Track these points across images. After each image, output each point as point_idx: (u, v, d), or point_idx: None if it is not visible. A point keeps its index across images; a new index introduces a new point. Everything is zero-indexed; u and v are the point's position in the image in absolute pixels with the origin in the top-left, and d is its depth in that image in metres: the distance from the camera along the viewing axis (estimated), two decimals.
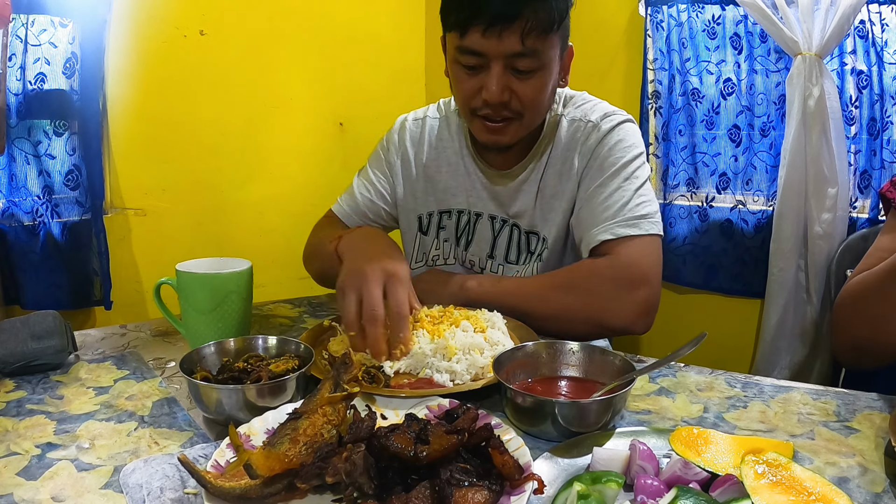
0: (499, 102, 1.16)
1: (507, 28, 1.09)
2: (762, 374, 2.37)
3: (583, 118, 1.31)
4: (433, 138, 1.43)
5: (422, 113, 1.48)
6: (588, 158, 1.27)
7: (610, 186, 1.22)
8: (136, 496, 0.64)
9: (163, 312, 1.06)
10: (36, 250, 2.00)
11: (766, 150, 2.45)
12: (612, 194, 1.21)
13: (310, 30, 2.57)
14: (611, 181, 1.22)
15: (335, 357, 0.97)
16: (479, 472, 0.61)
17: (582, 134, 1.29)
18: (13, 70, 1.92)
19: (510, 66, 1.15)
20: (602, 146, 1.26)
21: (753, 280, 2.49)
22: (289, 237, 1.43)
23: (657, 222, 1.20)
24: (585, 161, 1.27)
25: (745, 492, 0.60)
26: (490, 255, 1.38)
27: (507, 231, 1.36)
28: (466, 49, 1.15)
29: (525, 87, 1.17)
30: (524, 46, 1.11)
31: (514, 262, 1.36)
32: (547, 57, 1.16)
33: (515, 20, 1.09)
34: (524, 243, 1.34)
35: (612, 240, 1.17)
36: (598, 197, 1.22)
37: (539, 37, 1.12)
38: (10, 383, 0.91)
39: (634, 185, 1.22)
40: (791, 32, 2.21)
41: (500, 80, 1.14)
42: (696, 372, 0.97)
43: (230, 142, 2.43)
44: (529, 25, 1.10)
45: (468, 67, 1.17)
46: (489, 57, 1.14)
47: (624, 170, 1.23)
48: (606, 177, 1.23)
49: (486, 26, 1.10)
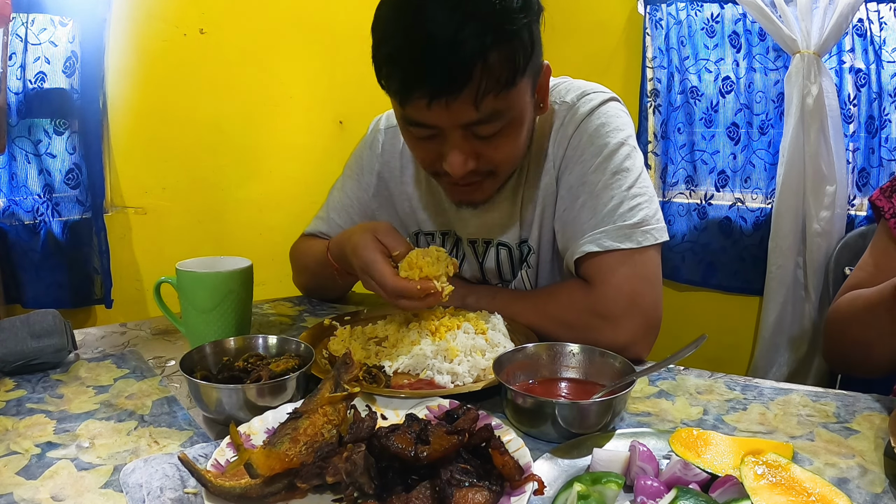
0: (463, 174, 0.99)
1: (454, 99, 0.88)
2: (761, 370, 2.40)
3: (557, 100, 1.11)
4: (407, 151, 1.25)
5: (395, 118, 1.25)
6: (565, 148, 1.08)
7: (595, 184, 1.04)
8: (136, 496, 0.64)
9: (163, 311, 1.06)
10: (37, 249, 2.00)
11: (765, 147, 2.45)
12: (598, 194, 1.03)
13: (310, 29, 2.56)
14: (596, 177, 1.04)
15: (335, 357, 0.97)
16: (480, 473, 0.61)
17: (556, 118, 1.10)
18: (13, 69, 1.92)
19: (471, 132, 0.95)
20: (581, 133, 1.06)
21: (752, 277, 2.49)
22: (289, 235, 1.42)
23: (654, 228, 1.02)
24: (562, 151, 1.08)
25: (744, 493, 0.60)
26: (481, 278, 1.25)
27: (492, 253, 1.20)
28: (411, 121, 0.96)
29: (493, 150, 0.99)
30: (480, 112, 0.91)
31: (509, 280, 1.22)
32: (514, 111, 0.96)
33: (465, 87, 0.87)
34: (517, 257, 1.19)
35: (598, 253, 1.01)
36: (581, 197, 1.05)
37: (500, 95, 0.91)
38: (9, 382, 0.91)
39: (626, 180, 1.03)
40: (790, 31, 2.21)
41: (460, 150, 0.96)
42: (695, 375, 0.97)
43: (230, 140, 2.43)
44: (484, 88, 0.88)
45: (420, 138, 1.00)
46: (441, 127, 0.95)
47: (610, 161, 1.04)
48: (590, 171, 1.04)
49: (428, 100, 0.89)
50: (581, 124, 1.07)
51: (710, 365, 1.03)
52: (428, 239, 1.29)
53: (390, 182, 1.30)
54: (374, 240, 1.00)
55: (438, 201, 1.24)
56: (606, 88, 1.13)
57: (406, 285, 0.94)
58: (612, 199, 1.02)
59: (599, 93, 1.10)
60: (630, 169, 1.04)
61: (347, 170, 1.37)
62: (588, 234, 1.02)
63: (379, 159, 1.31)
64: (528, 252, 1.17)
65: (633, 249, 1.00)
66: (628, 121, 1.10)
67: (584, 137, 1.06)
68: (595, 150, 1.05)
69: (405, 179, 1.28)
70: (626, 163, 1.04)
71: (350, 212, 1.33)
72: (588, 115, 1.07)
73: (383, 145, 1.30)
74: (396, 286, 0.95)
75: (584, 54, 2.73)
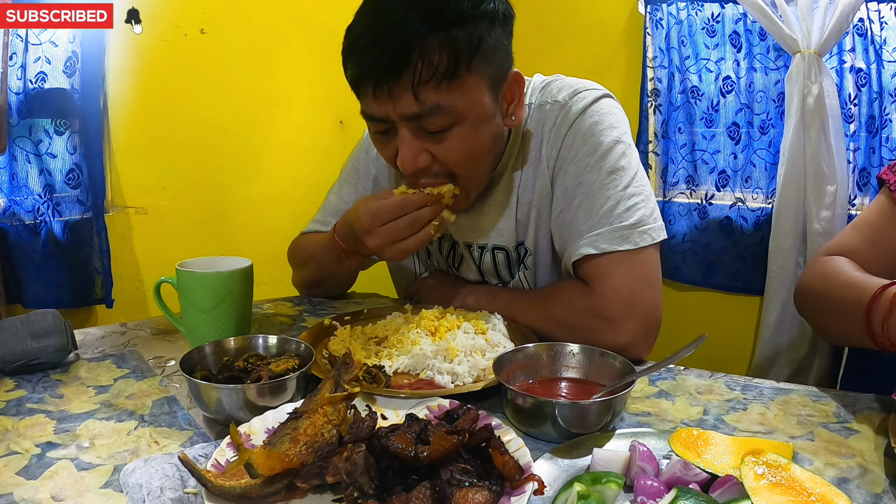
0: (414, 171, 1.00)
1: (394, 86, 0.92)
2: (761, 370, 2.40)
3: (549, 100, 1.10)
4: None
5: None
6: (559, 148, 1.06)
7: (591, 184, 1.03)
8: (136, 496, 0.64)
9: (163, 311, 1.06)
10: (37, 249, 2.00)
11: (766, 147, 2.46)
12: (594, 194, 1.02)
13: (310, 28, 2.56)
14: (591, 177, 1.03)
15: (336, 356, 0.97)
16: (480, 473, 0.61)
17: (548, 118, 1.09)
18: (14, 69, 1.92)
19: (419, 128, 0.97)
20: (574, 132, 1.05)
21: (753, 277, 2.50)
22: (289, 235, 1.43)
23: (651, 228, 1.01)
24: (556, 151, 1.07)
25: (744, 493, 0.60)
26: (480, 280, 1.24)
27: (488, 257, 1.19)
28: (366, 115, 1.00)
29: (443, 150, 0.99)
30: (421, 103, 0.93)
31: (507, 281, 1.21)
32: (460, 108, 0.95)
33: (402, 73, 0.90)
34: (514, 259, 1.18)
35: (596, 256, 1.00)
36: (577, 198, 1.04)
37: (441, 86, 0.92)
38: (10, 382, 0.91)
39: (622, 180, 1.02)
40: (790, 30, 2.21)
41: (409, 146, 0.98)
42: (695, 375, 0.97)
43: (231, 140, 2.44)
44: (420, 76, 0.90)
45: (378, 133, 1.03)
46: (391, 121, 0.97)
47: (605, 161, 1.02)
48: (585, 171, 1.03)
49: (373, 87, 0.93)
50: (574, 123, 1.06)
51: (710, 365, 1.03)
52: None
53: (386, 185, 1.31)
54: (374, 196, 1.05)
55: None
56: (599, 85, 1.11)
57: (408, 196, 1.01)
58: (608, 200, 1.01)
59: (592, 90, 1.09)
60: (626, 168, 1.03)
61: (344, 174, 1.38)
62: (585, 236, 1.02)
63: (374, 163, 1.31)
64: (524, 254, 1.17)
65: (631, 251, 0.99)
66: (623, 117, 1.09)
67: (577, 137, 1.05)
68: (589, 149, 1.04)
69: (401, 183, 1.27)
70: (621, 161, 1.03)
71: None
72: (581, 113, 1.06)
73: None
74: (398, 200, 1.00)
75: (585, 54, 2.73)
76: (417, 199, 1.00)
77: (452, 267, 1.28)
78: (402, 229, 1.00)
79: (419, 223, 1.01)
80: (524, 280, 1.19)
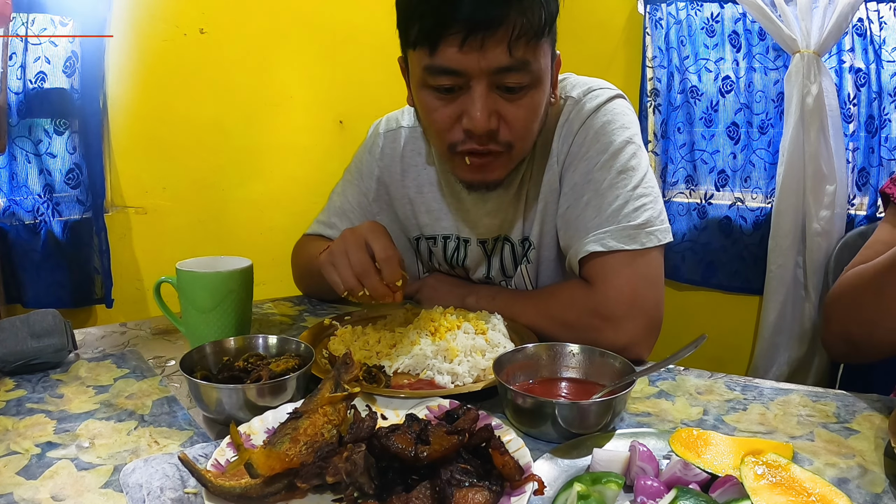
0: (485, 132, 0.96)
1: (490, 36, 0.88)
2: (761, 370, 2.40)
3: (562, 95, 1.10)
4: (410, 154, 1.26)
5: (395, 122, 1.30)
6: (570, 144, 1.07)
7: (600, 182, 1.03)
8: (136, 496, 0.64)
9: (163, 311, 1.06)
10: (37, 249, 2.00)
11: (765, 147, 2.46)
12: (603, 193, 1.02)
13: (310, 28, 2.56)
14: (601, 175, 1.03)
15: (336, 356, 0.97)
16: (480, 473, 0.62)
17: (562, 113, 1.09)
18: (14, 69, 1.92)
19: (496, 85, 0.94)
20: (587, 129, 1.05)
21: (752, 277, 2.50)
22: (289, 235, 1.43)
23: (658, 229, 1.01)
24: (567, 147, 1.07)
25: (744, 493, 0.60)
26: (486, 276, 1.24)
27: (498, 248, 1.21)
28: (439, 68, 0.93)
29: (516, 110, 0.96)
30: (513, 58, 0.90)
31: (510, 275, 1.22)
32: (539, 69, 0.95)
33: (500, 25, 0.88)
34: (519, 253, 1.19)
35: (602, 254, 1.00)
36: (586, 195, 1.04)
37: (530, 44, 0.91)
38: (9, 382, 0.91)
39: (632, 179, 1.02)
40: (789, 30, 2.21)
41: (485, 103, 0.93)
42: (695, 375, 0.97)
43: (230, 140, 2.43)
44: (518, 31, 0.89)
45: (443, 91, 0.96)
46: (469, 76, 0.92)
47: (615, 159, 1.03)
48: (595, 169, 1.03)
49: (463, 37, 0.88)
50: (587, 121, 1.06)
51: (710, 365, 1.03)
52: (430, 243, 1.28)
53: (390, 186, 1.30)
54: (361, 241, 0.99)
55: (442, 205, 1.24)
56: (612, 85, 1.12)
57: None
58: (617, 199, 1.01)
59: (605, 89, 1.09)
60: (636, 168, 1.03)
61: (347, 174, 1.38)
62: (592, 233, 1.02)
63: (378, 163, 1.31)
64: (528, 247, 1.17)
65: (637, 251, 0.99)
66: (634, 119, 1.09)
67: (589, 134, 1.05)
68: (601, 147, 1.04)
69: (406, 183, 1.27)
70: (631, 161, 1.03)
71: (351, 216, 1.33)
72: (594, 111, 1.06)
73: (382, 149, 1.30)
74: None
75: (584, 54, 2.73)
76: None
77: (456, 264, 1.28)
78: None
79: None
80: (526, 274, 1.19)
